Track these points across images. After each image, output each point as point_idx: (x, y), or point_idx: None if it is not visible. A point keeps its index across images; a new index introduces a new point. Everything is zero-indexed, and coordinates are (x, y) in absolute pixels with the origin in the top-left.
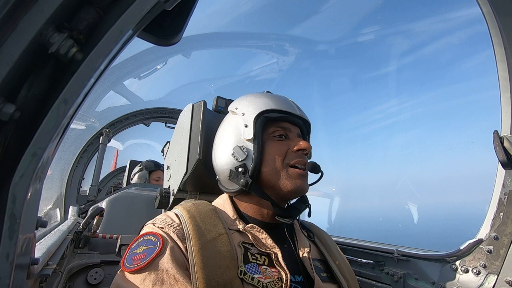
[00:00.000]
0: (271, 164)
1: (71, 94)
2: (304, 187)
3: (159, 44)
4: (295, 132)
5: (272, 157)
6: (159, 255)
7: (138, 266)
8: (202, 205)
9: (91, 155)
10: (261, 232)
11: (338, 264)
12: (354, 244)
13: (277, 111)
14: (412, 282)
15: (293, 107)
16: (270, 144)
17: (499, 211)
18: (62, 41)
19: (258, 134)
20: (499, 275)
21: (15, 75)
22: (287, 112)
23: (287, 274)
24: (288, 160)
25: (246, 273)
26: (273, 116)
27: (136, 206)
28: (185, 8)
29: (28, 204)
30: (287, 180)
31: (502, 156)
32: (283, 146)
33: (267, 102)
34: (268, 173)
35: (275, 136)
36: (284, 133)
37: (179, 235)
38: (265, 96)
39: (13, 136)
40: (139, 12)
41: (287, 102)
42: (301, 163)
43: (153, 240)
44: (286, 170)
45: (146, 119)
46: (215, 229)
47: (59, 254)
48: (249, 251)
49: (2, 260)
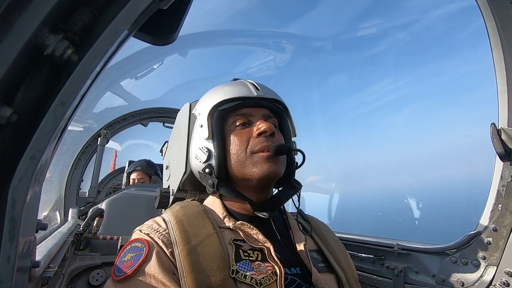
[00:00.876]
0: (235, 156)
1: (68, 96)
2: (273, 169)
3: (155, 43)
4: (260, 115)
5: (235, 149)
6: (145, 261)
7: (126, 274)
8: (190, 207)
9: (89, 156)
10: (251, 228)
11: (335, 254)
12: (354, 239)
13: (230, 100)
14: (412, 276)
15: (248, 90)
16: (231, 136)
17: (498, 203)
18: (57, 43)
19: (216, 130)
20: (498, 267)
21: (10, 78)
22: (241, 98)
23: (281, 268)
24: (252, 147)
25: (238, 271)
26: (227, 106)
27: (136, 207)
28: (180, 7)
29: (28, 207)
30: (254, 168)
31: (499, 148)
32: (244, 135)
33: (219, 94)
34: (235, 166)
35: (236, 126)
36: (247, 119)
37: (164, 240)
38: (219, 88)
39: (11, 140)
40: (135, 12)
41: (241, 87)
42: (266, 148)
43: (139, 247)
44: (251, 158)
45: (144, 119)
46: (203, 231)
47: (60, 257)
48: (240, 248)
49: (3, 264)
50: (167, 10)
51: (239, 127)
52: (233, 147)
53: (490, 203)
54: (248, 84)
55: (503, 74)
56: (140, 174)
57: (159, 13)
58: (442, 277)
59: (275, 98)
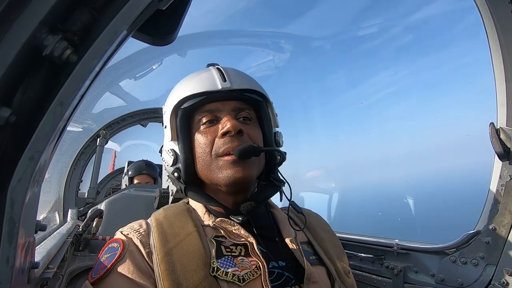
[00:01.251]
0: (201, 159)
1: (66, 96)
2: (240, 175)
3: (154, 44)
4: (228, 109)
5: (199, 152)
6: (118, 260)
7: (99, 275)
8: (172, 208)
9: (88, 157)
10: (232, 224)
11: (324, 246)
12: (353, 239)
13: (193, 96)
14: (412, 275)
15: (213, 82)
16: (197, 136)
17: (497, 202)
18: (56, 43)
19: (181, 131)
20: (497, 266)
21: (9, 78)
22: (204, 93)
23: (263, 263)
24: (216, 150)
25: (220, 268)
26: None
27: (135, 207)
28: (179, 7)
29: (27, 208)
30: (219, 173)
31: (498, 148)
32: (209, 135)
33: (181, 90)
34: (201, 170)
35: (203, 124)
36: (214, 116)
37: (142, 240)
38: (184, 81)
39: (10, 140)
40: (133, 12)
41: (204, 79)
42: (230, 150)
43: (115, 247)
44: (216, 162)
45: (143, 120)
46: (183, 230)
47: (59, 257)
48: (222, 244)
49: (2, 265)
50: (166, 10)
51: (205, 126)
52: (198, 149)
53: (489, 203)
54: (214, 75)
55: (501, 74)
56: (146, 178)
57: (158, 14)
58: (442, 276)
59: (247, 87)
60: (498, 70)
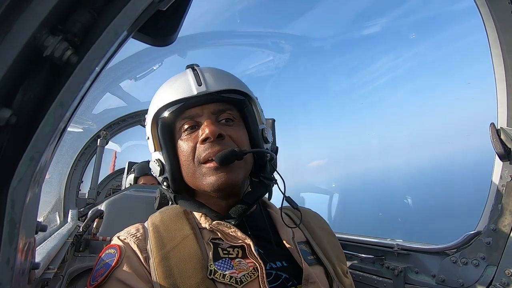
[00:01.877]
0: (185, 167)
1: (67, 97)
2: (225, 180)
3: (155, 44)
4: (208, 113)
5: (183, 159)
6: (116, 267)
7: (97, 282)
8: (169, 211)
9: (89, 158)
10: (229, 226)
11: (322, 245)
12: (354, 239)
13: (170, 104)
14: (412, 276)
15: (188, 88)
16: (180, 144)
17: (497, 203)
18: (56, 44)
19: (163, 141)
20: (498, 266)
21: (10, 79)
22: (179, 100)
23: (261, 264)
24: (198, 157)
25: (217, 271)
26: (170, 112)
27: (136, 208)
28: (179, 8)
29: (27, 208)
30: (203, 180)
31: (499, 148)
32: (190, 142)
33: (159, 98)
34: (187, 178)
35: (184, 131)
36: (194, 122)
37: (139, 245)
38: (159, 91)
39: (10, 141)
40: (134, 13)
41: (180, 86)
42: (211, 156)
43: (112, 253)
44: (200, 169)
45: (143, 120)
46: (179, 233)
47: (59, 258)
48: (219, 247)
49: (3, 266)
50: (166, 11)
51: (186, 132)
52: (182, 157)
53: (490, 203)
54: (189, 79)
55: (502, 74)
56: (152, 179)
57: (159, 14)
58: (442, 277)
59: (225, 88)
60: (498, 70)
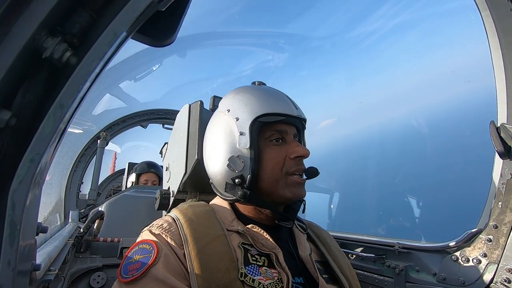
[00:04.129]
0: (269, 172)
1: (66, 98)
2: (302, 194)
3: (154, 45)
4: (292, 133)
5: (270, 165)
6: (153, 264)
7: (133, 277)
8: (199, 207)
9: (89, 159)
10: (262, 232)
11: (339, 263)
12: (355, 238)
13: (274, 114)
14: (413, 274)
15: (290, 107)
16: (267, 151)
17: (498, 200)
18: (55, 46)
19: (254, 141)
20: (499, 264)
21: (9, 81)
22: (284, 114)
23: (288, 275)
24: (287, 168)
25: (247, 275)
26: (270, 120)
27: (136, 209)
28: (178, 8)
29: (28, 210)
30: (286, 189)
31: (499, 146)
32: (281, 153)
33: (262, 104)
34: (267, 181)
35: (271, 141)
36: (281, 136)
37: (176, 240)
38: (259, 95)
39: (10, 143)
40: (133, 14)
41: (284, 102)
42: (299, 171)
43: (147, 249)
44: (285, 179)
45: (143, 121)
46: (212, 231)
47: (60, 259)
48: (249, 252)
49: (4, 267)
50: (166, 11)
51: (274, 142)
52: (268, 163)
53: (490, 201)
54: (287, 99)
55: (501, 72)
56: (153, 176)
57: (158, 15)
58: (443, 275)
59: (305, 118)
60: (498, 68)
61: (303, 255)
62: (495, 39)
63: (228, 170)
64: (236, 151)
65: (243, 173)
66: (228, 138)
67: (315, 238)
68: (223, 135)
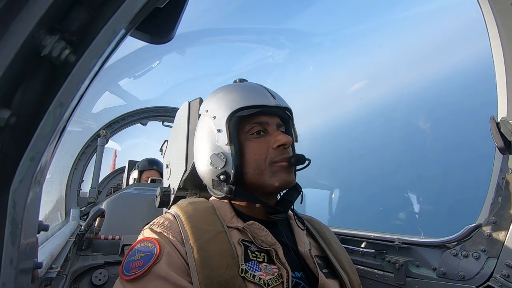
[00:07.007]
0: (253, 165)
1: (66, 96)
2: (290, 180)
3: (153, 42)
4: (274, 123)
5: (253, 158)
6: (156, 262)
7: (135, 275)
8: (199, 204)
9: (89, 157)
10: (262, 229)
11: (339, 258)
12: (355, 234)
13: (249, 107)
14: (413, 269)
15: (266, 98)
16: (248, 144)
17: (498, 195)
18: (54, 43)
19: (234, 136)
20: (498, 259)
21: (8, 79)
22: (260, 106)
23: (288, 271)
24: (271, 158)
25: (248, 271)
26: (246, 113)
27: (137, 206)
28: (177, 5)
29: (29, 208)
30: (273, 177)
31: (499, 141)
32: (262, 144)
33: (237, 98)
34: (252, 174)
35: (252, 134)
36: (262, 128)
37: (177, 237)
38: (234, 90)
39: (10, 142)
40: (131, 11)
41: (259, 93)
42: (284, 160)
43: (150, 247)
44: (271, 168)
45: (143, 119)
46: (213, 228)
47: (62, 257)
48: (249, 249)
49: (6, 266)
50: (164, 8)
51: (255, 135)
52: (251, 155)
53: (490, 196)
54: (264, 91)
55: (501, 66)
56: (155, 173)
57: (156, 12)
58: (443, 270)
59: (286, 106)
60: (498, 63)
61: (302, 250)
62: (495, 33)
63: (211, 168)
64: (217, 149)
65: (226, 169)
66: (209, 137)
67: (315, 233)
68: (205, 135)
